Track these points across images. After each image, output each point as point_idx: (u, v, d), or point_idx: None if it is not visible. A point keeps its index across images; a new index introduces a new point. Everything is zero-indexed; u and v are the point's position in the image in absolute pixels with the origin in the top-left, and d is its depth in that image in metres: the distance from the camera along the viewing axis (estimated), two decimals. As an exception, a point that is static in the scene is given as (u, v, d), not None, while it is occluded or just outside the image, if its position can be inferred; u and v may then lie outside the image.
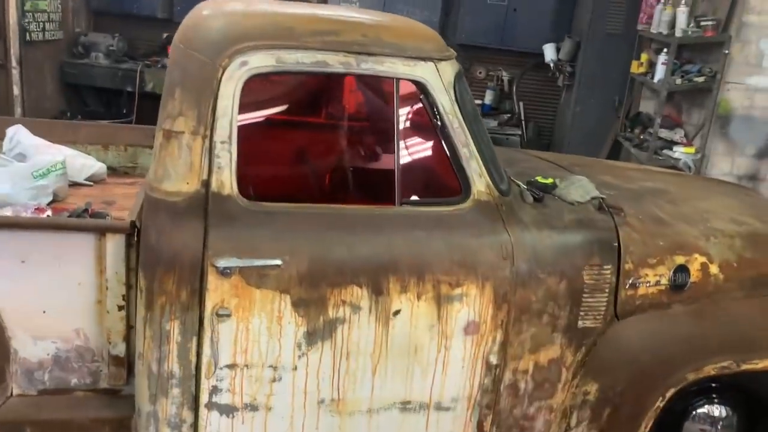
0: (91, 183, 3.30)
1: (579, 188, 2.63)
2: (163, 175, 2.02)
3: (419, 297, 2.16)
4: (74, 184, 3.22)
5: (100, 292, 2.21)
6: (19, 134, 3.29)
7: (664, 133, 5.20)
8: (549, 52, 6.80)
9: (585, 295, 2.35)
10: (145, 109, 6.54)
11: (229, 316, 2.03)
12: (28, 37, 5.94)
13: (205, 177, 2.01)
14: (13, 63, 5.79)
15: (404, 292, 2.14)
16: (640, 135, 5.58)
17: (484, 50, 7.12)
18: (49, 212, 2.78)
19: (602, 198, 2.57)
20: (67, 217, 2.44)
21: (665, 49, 5.16)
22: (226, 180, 2.01)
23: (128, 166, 3.50)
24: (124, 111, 6.77)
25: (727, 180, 4.46)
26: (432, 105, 2.19)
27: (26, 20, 5.90)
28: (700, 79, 4.95)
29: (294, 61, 2.03)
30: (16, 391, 2.24)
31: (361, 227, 2.13)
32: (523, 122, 7.16)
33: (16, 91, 5.85)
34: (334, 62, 2.07)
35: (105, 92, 6.97)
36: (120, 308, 2.21)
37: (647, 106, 5.94)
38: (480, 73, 7.32)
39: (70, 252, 2.16)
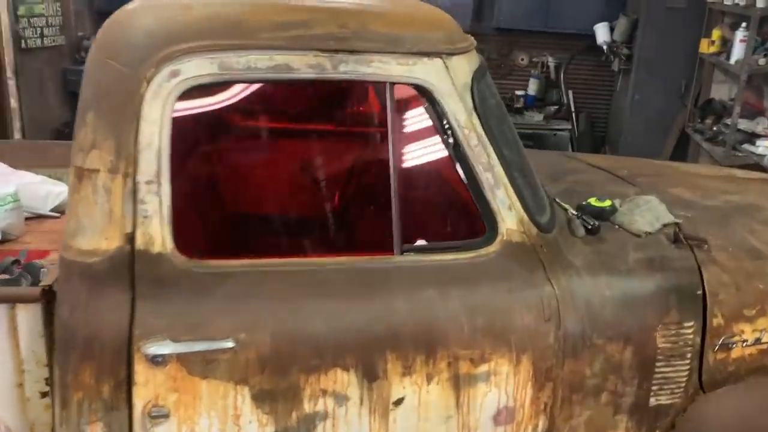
0: (58, 214, 2.90)
1: (647, 212, 2.15)
2: (77, 228, 1.56)
3: (429, 380, 1.67)
4: (38, 216, 2.83)
5: (18, 375, 1.78)
6: None
7: (743, 124, 4.59)
8: (601, 32, 6.26)
9: (659, 364, 1.87)
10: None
11: (167, 416, 1.55)
12: (23, 44, 5.63)
13: (129, 230, 1.53)
14: (8, 73, 5.49)
15: (408, 375, 1.65)
16: (713, 126, 5.00)
17: (527, 34, 6.60)
18: (-15, 259, 2.37)
19: (678, 224, 2.07)
20: (-11, 274, 2.01)
21: (743, 24, 4.59)
22: (156, 233, 1.52)
23: (105, 192, 3.08)
24: (133, 119, 6.42)
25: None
26: (440, 117, 1.66)
27: (21, 26, 5.59)
28: (789, 58, 4.31)
29: (244, 66, 1.53)
30: (-77, 500, 1.83)
31: (345, 288, 1.64)
32: (573, 114, 6.62)
33: (13, 103, 5.55)
34: (301, 65, 1.56)
35: (113, 100, 6.64)
36: (43, 395, 1.77)
37: (720, 91, 5.35)
38: (522, 60, 6.76)
39: (-22, 324, 1.73)
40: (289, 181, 1.99)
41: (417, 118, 1.70)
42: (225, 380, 1.55)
